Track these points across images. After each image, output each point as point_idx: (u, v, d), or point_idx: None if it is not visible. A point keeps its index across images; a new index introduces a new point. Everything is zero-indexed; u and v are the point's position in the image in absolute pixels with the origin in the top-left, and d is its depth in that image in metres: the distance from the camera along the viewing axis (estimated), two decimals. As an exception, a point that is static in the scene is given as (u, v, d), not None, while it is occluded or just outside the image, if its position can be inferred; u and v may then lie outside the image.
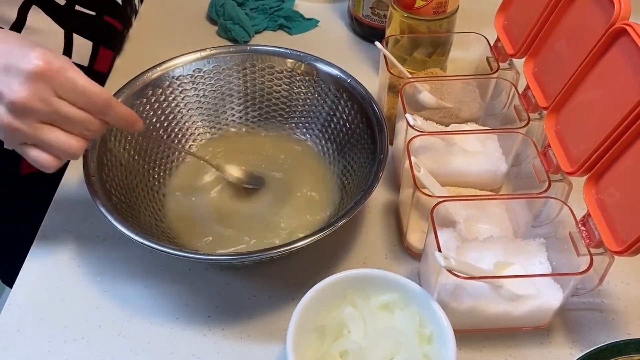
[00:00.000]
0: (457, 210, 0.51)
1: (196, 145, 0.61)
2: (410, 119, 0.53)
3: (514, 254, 0.48)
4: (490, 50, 0.60)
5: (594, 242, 0.43)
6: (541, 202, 0.49)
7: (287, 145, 0.61)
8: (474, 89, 0.61)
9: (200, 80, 0.60)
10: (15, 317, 0.50)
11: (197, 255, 0.46)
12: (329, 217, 0.55)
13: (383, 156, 0.51)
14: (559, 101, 0.50)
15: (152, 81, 0.58)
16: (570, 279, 0.44)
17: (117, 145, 0.55)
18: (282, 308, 0.50)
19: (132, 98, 0.56)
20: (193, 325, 0.49)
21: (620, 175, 0.43)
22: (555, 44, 0.53)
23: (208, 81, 0.60)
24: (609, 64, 0.45)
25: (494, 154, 0.56)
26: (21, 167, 0.64)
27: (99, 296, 0.51)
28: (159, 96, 0.58)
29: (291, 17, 0.77)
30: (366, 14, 0.72)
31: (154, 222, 0.53)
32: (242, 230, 0.54)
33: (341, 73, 0.58)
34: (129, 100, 0.56)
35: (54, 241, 0.55)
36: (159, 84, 0.58)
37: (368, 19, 0.73)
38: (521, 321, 0.47)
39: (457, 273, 0.42)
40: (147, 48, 0.74)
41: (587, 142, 0.45)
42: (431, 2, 0.61)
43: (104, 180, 0.51)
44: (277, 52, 0.60)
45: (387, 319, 0.46)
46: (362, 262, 0.54)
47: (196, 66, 0.59)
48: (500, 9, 0.61)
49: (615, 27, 0.43)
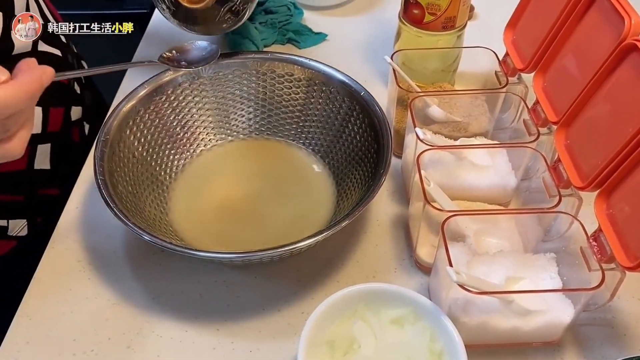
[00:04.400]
0: (467, 225, 0.51)
1: (206, 149, 0.62)
2: (420, 133, 0.53)
3: (525, 269, 0.48)
4: (499, 64, 0.61)
5: (605, 258, 0.43)
6: (551, 217, 0.49)
7: (296, 152, 0.62)
8: (483, 102, 0.61)
9: (217, 83, 0.61)
10: (25, 328, 0.50)
11: (197, 252, 0.46)
12: (331, 222, 0.55)
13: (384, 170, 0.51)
14: (569, 116, 0.50)
15: (171, 79, 0.59)
16: (582, 294, 0.44)
17: (132, 137, 0.56)
18: (292, 322, 0.50)
19: (151, 94, 0.58)
20: (202, 338, 0.49)
21: (631, 191, 0.43)
22: (564, 58, 0.53)
23: (225, 84, 0.61)
24: (620, 80, 0.45)
25: (504, 168, 0.56)
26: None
27: (109, 308, 0.51)
28: (179, 94, 0.60)
29: (300, 31, 0.78)
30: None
31: (158, 214, 0.54)
32: (246, 230, 0.55)
33: (355, 85, 0.59)
34: (148, 97, 0.57)
35: (63, 253, 0.55)
36: (179, 82, 0.59)
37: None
38: (532, 336, 0.47)
39: (468, 288, 0.42)
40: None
41: (598, 157, 0.45)
42: (440, 17, 0.62)
43: (112, 170, 0.52)
44: (297, 60, 0.61)
45: (398, 333, 0.46)
46: (372, 275, 0.54)
47: (218, 69, 0.60)
48: (509, 24, 0.61)
49: (626, 43, 0.44)
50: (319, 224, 0.56)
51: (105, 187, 0.49)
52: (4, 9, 0.54)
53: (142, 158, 0.56)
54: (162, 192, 0.57)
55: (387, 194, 0.60)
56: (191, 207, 0.57)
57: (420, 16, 0.62)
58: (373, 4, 0.86)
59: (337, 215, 0.56)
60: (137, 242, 0.55)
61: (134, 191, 0.54)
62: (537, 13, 0.57)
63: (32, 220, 0.64)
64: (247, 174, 0.61)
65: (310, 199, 0.58)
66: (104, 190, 0.49)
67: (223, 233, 0.56)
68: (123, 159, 0.54)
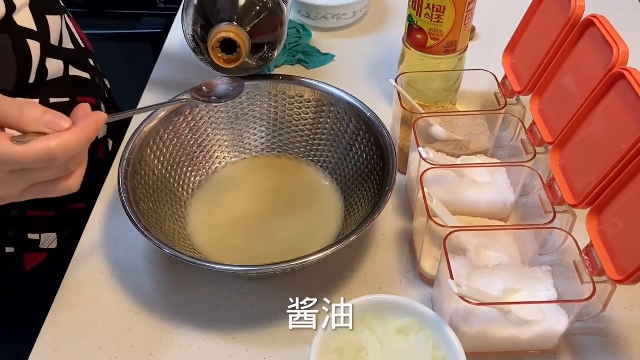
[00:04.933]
0: (468, 239, 0.54)
1: (220, 166, 0.66)
2: (423, 152, 0.56)
3: (522, 281, 0.51)
4: (498, 86, 0.64)
5: (596, 271, 0.46)
6: (547, 232, 0.52)
7: (306, 169, 0.66)
8: (483, 122, 0.64)
9: (231, 104, 0.64)
10: (53, 336, 0.53)
11: (215, 265, 0.50)
12: (340, 236, 0.58)
13: (389, 186, 0.54)
14: (563, 137, 0.53)
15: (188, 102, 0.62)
16: (575, 305, 0.47)
17: (152, 156, 0.59)
18: (303, 331, 0.53)
19: (170, 115, 0.61)
20: (219, 345, 0.53)
21: (620, 208, 0.46)
22: (559, 82, 0.57)
23: (239, 105, 0.65)
24: (609, 104, 0.49)
25: (503, 185, 0.59)
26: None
27: (131, 318, 0.54)
28: (196, 114, 0.63)
29: (308, 52, 0.81)
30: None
31: (176, 229, 0.58)
32: (259, 243, 0.58)
33: (362, 106, 0.62)
34: (167, 118, 0.61)
35: (88, 266, 0.58)
36: (196, 104, 0.63)
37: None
38: (528, 345, 0.50)
39: (468, 299, 0.45)
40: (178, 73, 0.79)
41: (590, 176, 0.49)
42: (442, 41, 0.65)
43: (134, 187, 0.55)
44: (306, 82, 0.65)
45: (403, 342, 0.49)
46: (378, 287, 0.57)
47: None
48: (507, 49, 0.65)
49: (614, 72, 0.47)
50: (328, 237, 0.59)
51: (129, 203, 0.53)
52: (40, 39, 0.57)
53: (161, 175, 0.60)
54: (180, 207, 0.61)
55: (392, 208, 0.64)
56: (207, 221, 0.61)
57: (423, 41, 0.66)
58: (378, 25, 0.90)
59: (344, 229, 0.59)
60: (157, 255, 0.59)
61: (155, 207, 0.57)
62: (534, 39, 0.61)
63: (60, 234, 0.67)
64: (260, 190, 0.64)
65: (319, 213, 0.62)
66: (128, 207, 0.52)
67: (237, 246, 0.59)
68: (144, 177, 0.58)
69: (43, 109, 0.40)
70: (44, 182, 0.41)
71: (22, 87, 0.57)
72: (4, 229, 0.62)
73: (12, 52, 0.55)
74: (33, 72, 0.57)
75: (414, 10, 0.64)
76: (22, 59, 0.56)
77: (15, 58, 0.55)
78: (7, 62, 0.55)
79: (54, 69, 0.60)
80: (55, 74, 0.61)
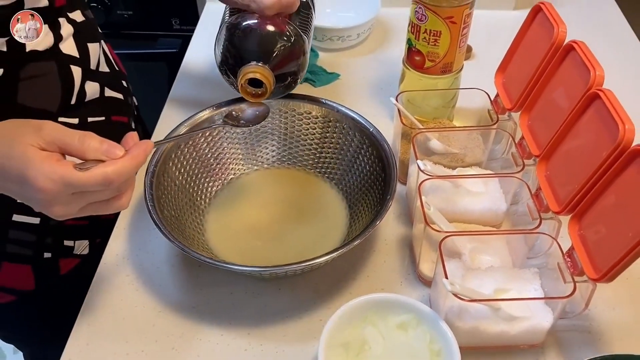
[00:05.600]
0: (463, 244, 0.59)
1: (235, 177, 0.71)
2: (421, 164, 0.62)
3: (512, 281, 0.55)
4: (491, 103, 0.69)
5: (577, 271, 0.51)
6: (535, 237, 0.57)
7: (314, 180, 0.71)
8: (478, 136, 0.69)
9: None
10: (85, 333, 0.58)
11: (232, 266, 0.55)
12: (345, 241, 0.63)
13: (390, 196, 0.59)
14: (548, 150, 0.58)
15: (207, 118, 0.68)
16: (558, 302, 0.52)
17: (174, 168, 0.65)
18: (312, 327, 0.58)
19: (190, 131, 0.67)
20: (235, 341, 0.58)
21: (597, 216, 0.51)
22: (545, 101, 0.62)
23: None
24: (588, 121, 0.54)
25: (496, 195, 0.64)
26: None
27: (155, 316, 0.60)
28: (213, 130, 0.69)
29: (315, 71, 0.87)
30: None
31: (196, 235, 0.63)
32: (271, 248, 0.64)
33: (365, 122, 0.68)
34: (187, 133, 0.66)
35: (115, 268, 0.64)
36: (214, 120, 0.68)
37: None
38: (518, 339, 0.54)
39: (461, 297, 0.50)
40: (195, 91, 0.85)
41: (571, 186, 0.54)
42: (439, 63, 0.71)
43: (159, 197, 0.61)
44: (314, 100, 0.70)
45: (403, 336, 0.53)
46: (381, 288, 0.62)
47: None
48: (499, 69, 0.70)
49: (591, 92, 0.52)
50: (334, 242, 0.64)
51: (155, 211, 0.58)
52: (82, 65, 0.63)
53: (182, 186, 0.66)
54: (199, 215, 0.66)
55: (393, 216, 0.69)
56: (224, 227, 0.66)
57: (421, 62, 0.71)
58: (380, 46, 0.95)
59: (349, 235, 0.64)
60: (178, 259, 0.64)
61: (176, 214, 0.63)
62: (522, 61, 0.66)
63: (92, 241, 0.73)
64: (272, 199, 0.70)
65: (326, 220, 0.67)
66: (154, 215, 0.58)
67: (251, 250, 0.64)
68: (167, 187, 0.63)
69: (100, 139, 0.46)
70: (100, 202, 0.47)
71: (65, 108, 0.63)
72: (44, 236, 0.68)
73: (58, 77, 0.61)
74: (75, 95, 0.63)
75: (413, 34, 0.70)
76: (66, 83, 0.62)
77: (60, 82, 0.61)
78: (53, 86, 0.61)
79: (92, 91, 0.66)
80: (92, 96, 0.66)
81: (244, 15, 0.63)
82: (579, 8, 1.00)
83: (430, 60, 0.71)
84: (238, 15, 0.64)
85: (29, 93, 0.59)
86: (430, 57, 0.70)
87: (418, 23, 0.68)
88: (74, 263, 0.72)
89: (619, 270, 0.47)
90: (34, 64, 0.58)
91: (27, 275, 0.69)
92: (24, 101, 0.59)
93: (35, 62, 0.58)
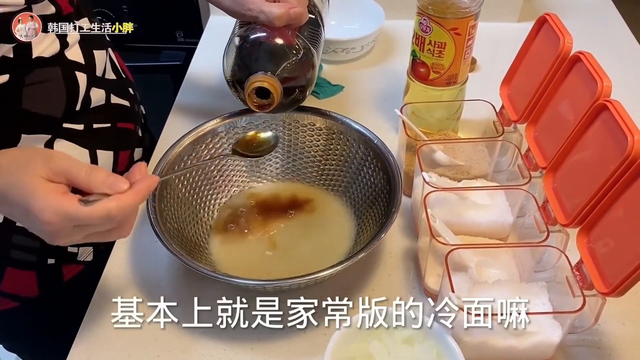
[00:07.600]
0: (469, 257, 0.58)
1: (239, 190, 0.71)
2: (427, 176, 0.61)
3: (519, 295, 0.55)
4: (496, 115, 0.69)
5: (586, 285, 0.50)
6: (542, 250, 0.56)
7: (318, 193, 0.70)
8: (483, 148, 0.69)
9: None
10: (86, 346, 0.57)
11: (236, 280, 0.55)
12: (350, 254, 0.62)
13: (395, 208, 0.59)
14: (555, 162, 0.58)
15: (210, 130, 0.67)
16: (567, 317, 0.51)
17: (177, 181, 0.65)
18: (316, 342, 0.57)
19: (194, 143, 0.66)
20: (238, 356, 0.57)
21: (607, 228, 0.50)
22: (552, 112, 0.61)
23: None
24: (595, 132, 0.53)
25: (501, 207, 0.64)
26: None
27: (157, 330, 0.58)
28: (216, 142, 0.68)
29: (319, 83, 0.87)
30: None
31: (198, 247, 0.63)
32: (275, 261, 0.63)
33: (369, 134, 0.67)
34: (191, 145, 0.66)
35: (116, 281, 0.63)
36: (217, 132, 0.68)
37: None
38: (526, 355, 0.53)
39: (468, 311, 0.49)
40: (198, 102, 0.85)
41: (579, 198, 0.53)
42: (443, 75, 0.70)
43: (161, 209, 0.60)
44: (318, 112, 0.70)
45: (409, 351, 0.52)
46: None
47: (250, 119, 0.69)
48: (504, 81, 0.70)
49: (598, 104, 0.52)
50: (339, 255, 0.64)
51: (157, 224, 0.58)
52: (87, 71, 0.64)
53: (184, 198, 0.65)
54: (201, 227, 0.66)
55: (399, 229, 0.68)
56: (227, 240, 0.66)
57: (426, 74, 0.71)
58: (384, 58, 0.95)
59: (355, 248, 0.63)
60: (180, 271, 0.64)
61: (179, 227, 0.62)
62: (528, 72, 0.66)
63: (96, 248, 0.73)
64: (276, 212, 0.69)
65: (331, 233, 0.66)
66: (157, 227, 0.57)
67: (255, 263, 0.64)
68: (170, 200, 0.63)
69: (107, 173, 0.47)
70: (102, 232, 0.48)
71: (69, 114, 0.63)
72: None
73: (63, 83, 0.61)
74: (79, 101, 0.63)
75: (417, 46, 0.70)
76: (71, 90, 0.62)
77: (65, 89, 0.61)
78: (58, 92, 0.61)
79: (97, 98, 0.66)
80: (98, 102, 0.66)
81: (254, 27, 0.63)
82: (582, 20, 1.00)
83: (435, 72, 0.70)
84: (247, 28, 0.64)
85: (34, 99, 0.59)
86: (435, 68, 0.70)
87: (422, 35, 0.68)
88: (78, 269, 0.71)
89: (630, 284, 0.47)
90: (39, 70, 0.58)
91: (31, 282, 0.68)
92: (28, 107, 0.59)
93: (41, 69, 0.58)
